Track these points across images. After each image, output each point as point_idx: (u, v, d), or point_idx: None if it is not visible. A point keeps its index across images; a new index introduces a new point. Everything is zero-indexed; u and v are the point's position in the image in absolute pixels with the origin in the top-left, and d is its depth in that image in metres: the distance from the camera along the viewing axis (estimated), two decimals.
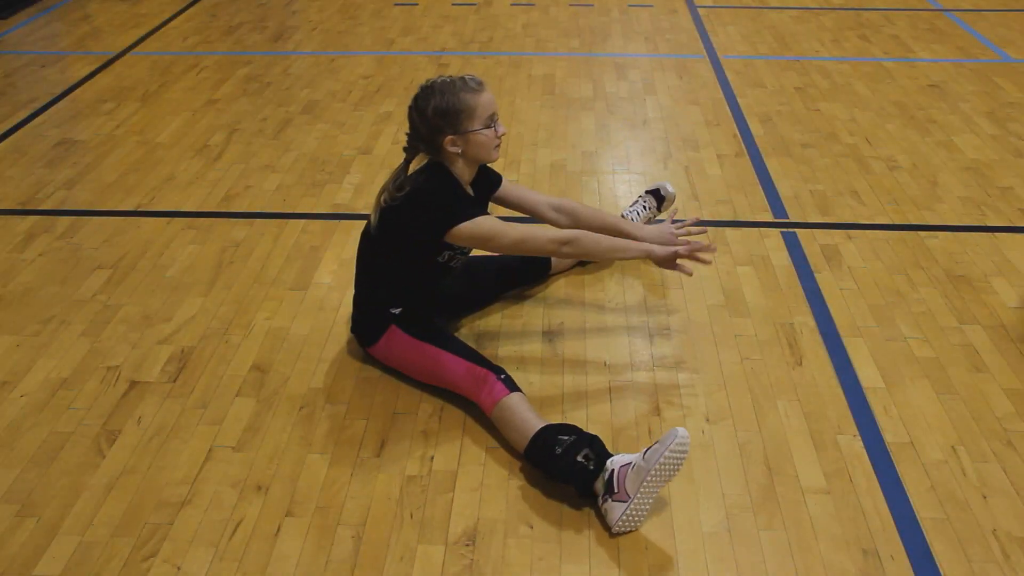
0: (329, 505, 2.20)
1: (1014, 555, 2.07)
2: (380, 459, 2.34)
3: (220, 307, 2.95)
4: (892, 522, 2.15)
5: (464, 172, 2.50)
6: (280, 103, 4.56)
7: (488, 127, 2.42)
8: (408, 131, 2.49)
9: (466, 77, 2.43)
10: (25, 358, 2.72)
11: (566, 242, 2.45)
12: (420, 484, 2.26)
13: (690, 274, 2.53)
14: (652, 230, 2.75)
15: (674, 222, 2.81)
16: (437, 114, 2.39)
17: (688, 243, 2.54)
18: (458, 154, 2.44)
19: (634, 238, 2.68)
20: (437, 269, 2.55)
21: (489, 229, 2.42)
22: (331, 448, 2.38)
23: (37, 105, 4.56)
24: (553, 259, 3.01)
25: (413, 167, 2.51)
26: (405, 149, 2.50)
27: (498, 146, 2.47)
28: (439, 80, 2.42)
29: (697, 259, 2.52)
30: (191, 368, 2.67)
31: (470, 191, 2.56)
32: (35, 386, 2.60)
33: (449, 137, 2.40)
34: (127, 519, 2.16)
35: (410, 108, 2.45)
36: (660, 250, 2.51)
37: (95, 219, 3.49)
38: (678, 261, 2.51)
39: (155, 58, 5.22)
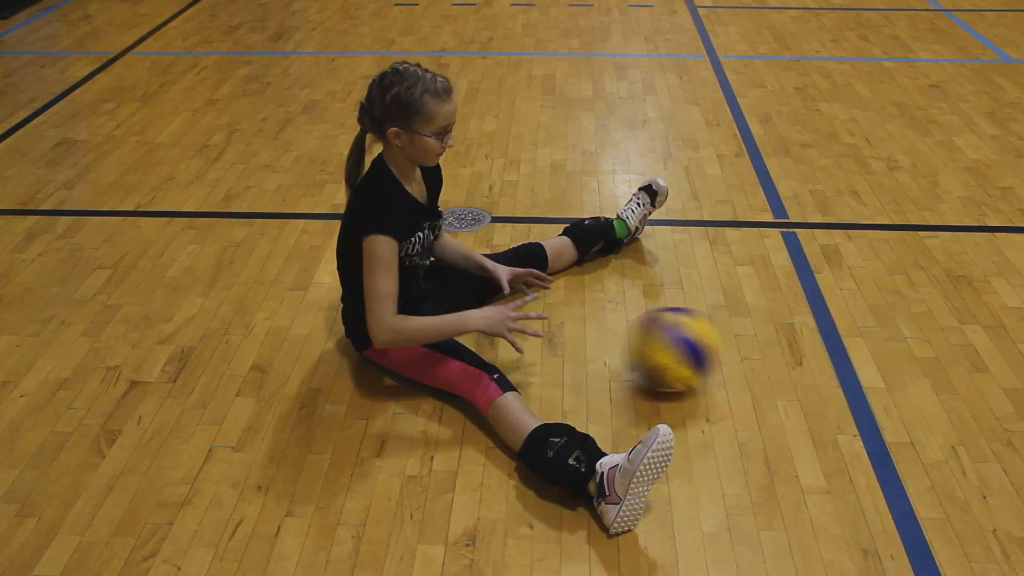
0: (329, 505, 2.20)
1: (1014, 555, 2.07)
2: (380, 459, 2.34)
3: (220, 307, 2.95)
4: (892, 522, 2.15)
5: (404, 165, 2.46)
6: (280, 103, 4.56)
7: (438, 136, 2.37)
8: (363, 101, 2.41)
9: (438, 78, 2.34)
10: (25, 358, 2.72)
11: (395, 331, 2.38)
12: (420, 484, 2.26)
13: (520, 351, 2.48)
14: (487, 311, 2.49)
15: (529, 286, 2.84)
16: (395, 102, 2.32)
17: (521, 327, 2.46)
18: (399, 147, 2.40)
19: (489, 275, 2.74)
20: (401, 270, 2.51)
21: (378, 257, 2.36)
22: (331, 448, 2.38)
23: (37, 105, 4.56)
24: (550, 260, 3.00)
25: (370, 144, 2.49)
26: (358, 119, 2.45)
27: (440, 155, 2.43)
28: (411, 68, 2.34)
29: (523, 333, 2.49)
30: (191, 368, 2.67)
31: (417, 186, 2.53)
32: (35, 386, 2.60)
33: (395, 129, 2.35)
34: (127, 519, 2.16)
35: (373, 81, 2.37)
36: (480, 326, 2.45)
37: (95, 219, 3.49)
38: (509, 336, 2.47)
39: (155, 58, 5.22)
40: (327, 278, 3.09)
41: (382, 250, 2.37)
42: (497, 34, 5.59)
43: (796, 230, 3.37)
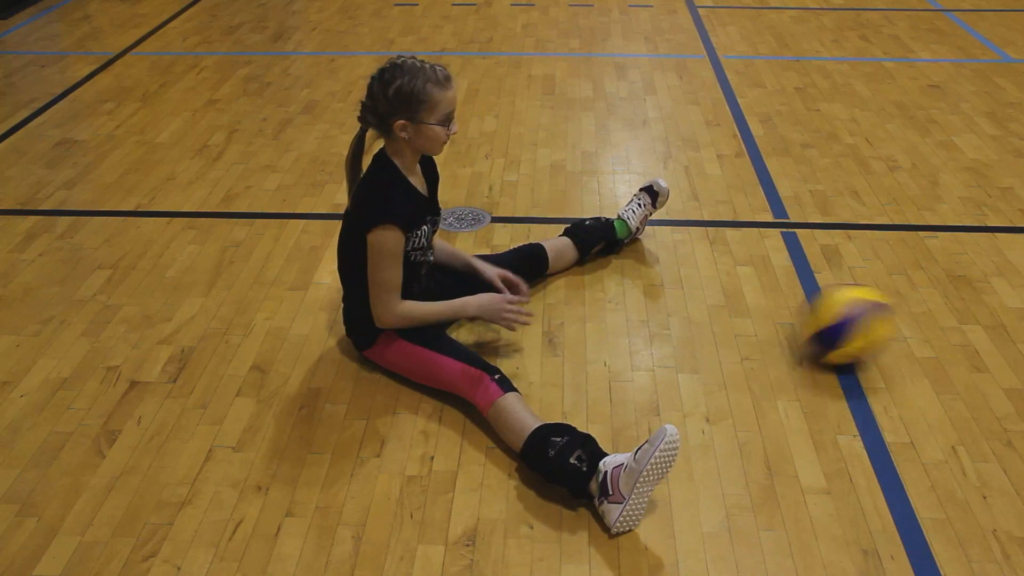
0: (329, 505, 2.20)
1: (1014, 555, 2.07)
2: (380, 459, 2.34)
3: (220, 307, 2.95)
4: (892, 522, 2.15)
5: (409, 158, 2.49)
6: (280, 103, 4.56)
7: (443, 124, 2.41)
8: (364, 100, 2.44)
9: (437, 67, 2.38)
10: (25, 358, 2.72)
11: (401, 317, 2.50)
12: (420, 484, 2.26)
13: (512, 329, 2.63)
14: (483, 298, 2.60)
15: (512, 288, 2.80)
16: (398, 95, 2.35)
17: (515, 313, 2.58)
18: (405, 140, 2.42)
19: (479, 274, 2.74)
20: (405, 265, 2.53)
21: (386, 249, 2.41)
22: (331, 448, 2.38)
23: (37, 105, 4.56)
24: (550, 260, 3.00)
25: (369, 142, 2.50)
26: (359, 118, 2.46)
27: (445, 142, 2.46)
28: (409, 61, 2.38)
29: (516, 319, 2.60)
30: (191, 368, 2.67)
31: (418, 180, 2.56)
32: (35, 386, 2.60)
33: (401, 122, 2.38)
34: (127, 519, 2.16)
35: (373, 78, 2.40)
36: (475, 311, 2.58)
37: (95, 219, 3.49)
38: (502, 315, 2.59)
39: (155, 58, 5.22)
40: (327, 278, 3.09)
41: (389, 242, 2.42)
42: (497, 34, 5.59)
43: (796, 230, 3.37)
